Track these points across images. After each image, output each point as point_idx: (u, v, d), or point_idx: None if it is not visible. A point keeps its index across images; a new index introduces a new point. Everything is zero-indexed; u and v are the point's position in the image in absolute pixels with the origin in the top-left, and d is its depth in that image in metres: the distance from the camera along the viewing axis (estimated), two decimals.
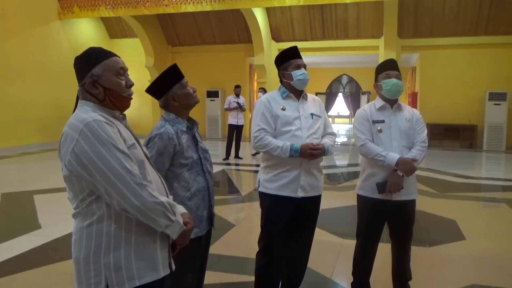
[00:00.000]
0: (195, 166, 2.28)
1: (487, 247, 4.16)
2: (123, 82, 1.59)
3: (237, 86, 10.25)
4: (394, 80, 2.80)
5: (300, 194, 2.63)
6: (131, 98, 1.64)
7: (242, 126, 10.10)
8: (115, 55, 1.60)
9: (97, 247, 1.46)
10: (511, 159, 10.87)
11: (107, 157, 1.40)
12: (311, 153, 2.54)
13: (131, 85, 1.63)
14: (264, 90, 10.76)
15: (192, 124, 2.35)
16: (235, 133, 10.02)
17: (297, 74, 2.66)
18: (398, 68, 2.89)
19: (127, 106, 1.63)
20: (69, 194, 1.53)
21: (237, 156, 9.98)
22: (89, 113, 1.48)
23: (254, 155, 10.40)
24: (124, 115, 1.65)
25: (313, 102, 2.79)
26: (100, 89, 1.55)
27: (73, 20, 13.43)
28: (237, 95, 10.11)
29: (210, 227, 2.43)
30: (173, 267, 1.65)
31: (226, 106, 10.14)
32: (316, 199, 2.77)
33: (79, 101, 1.58)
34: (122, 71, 1.59)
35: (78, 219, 1.51)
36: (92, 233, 1.47)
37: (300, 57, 2.74)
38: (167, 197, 1.69)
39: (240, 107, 9.93)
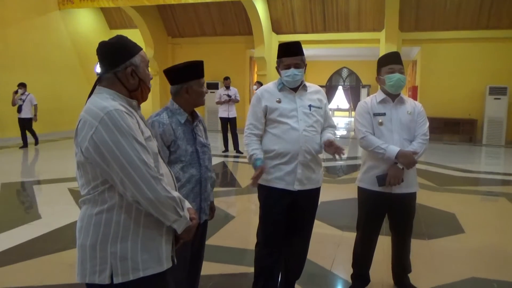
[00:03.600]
0: (190, 158, 2.30)
1: (486, 240, 4.18)
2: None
3: (226, 78, 10.04)
4: (398, 75, 2.79)
5: (297, 187, 2.62)
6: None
7: (234, 118, 9.89)
8: (142, 48, 1.64)
9: (105, 235, 1.46)
10: (511, 153, 10.89)
11: (126, 148, 1.40)
12: (255, 179, 2.55)
13: (151, 78, 1.68)
14: (260, 84, 10.69)
15: (193, 118, 2.37)
16: (229, 126, 9.92)
17: (284, 74, 2.64)
18: (401, 61, 2.86)
19: (147, 98, 1.69)
20: (80, 180, 1.53)
21: (237, 150, 9.80)
22: (108, 101, 1.48)
23: None
24: (139, 105, 1.66)
25: (313, 93, 2.75)
26: (136, 79, 1.57)
27: (72, 10, 13.37)
28: (227, 87, 9.94)
29: (203, 220, 2.43)
30: (175, 260, 1.67)
31: (216, 100, 9.98)
32: (314, 192, 2.75)
33: (97, 87, 1.57)
34: (148, 64, 1.65)
35: (87, 205, 1.51)
36: (101, 221, 1.47)
37: (292, 55, 2.62)
38: (176, 190, 1.71)
39: (230, 100, 9.80)
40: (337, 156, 2.63)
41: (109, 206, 1.47)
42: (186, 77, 2.30)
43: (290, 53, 2.64)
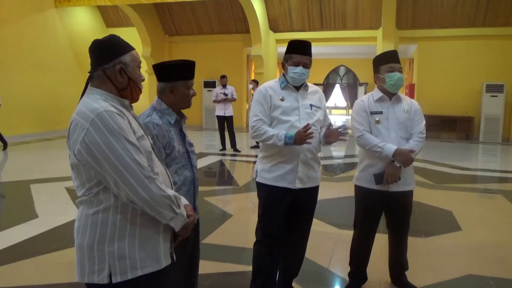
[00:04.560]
0: (182, 159, 2.25)
1: (482, 237, 4.19)
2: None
3: (223, 77, 10.03)
4: (398, 75, 2.79)
5: (298, 185, 2.63)
6: (141, 92, 1.69)
7: (231, 116, 9.87)
8: (135, 49, 1.64)
9: (102, 235, 1.47)
10: (507, 150, 10.93)
11: (118, 149, 1.40)
12: (306, 136, 2.45)
13: (143, 80, 1.66)
14: (255, 82, 10.68)
15: (180, 117, 2.31)
16: (226, 124, 9.91)
17: (291, 70, 2.62)
18: (399, 60, 2.88)
19: (138, 99, 1.68)
20: (75, 182, 1.53)
21: (234, 148, 9.79)
22: (99, 102, 1.47)
23: (253, 147, 10.30)
24: (131, 105, 1.66)
25: (313, 93, 2.76)
26: (125, 78, 1.56)
27: (69, 8, 13.31)
28: (224, 86, 9.92)
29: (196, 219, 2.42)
30: (174, 257, 1.67)
31: (213, 98, 9.99)
32: (314, 190, 2.76)
33: (89, 88, 1.56)
34: (140, 65, 1.64)
35: (84, 206, 1.52)
36: (97, 221, 1.48)
37: (304, 54, 2.62)
38: (172, 188, 1.71)
39: (226, 99, 9.78)
40: (342, 138, 2.66)
41: (104, 207, 1.47)
42: (172, 76, 2.20)
43: (302, 51, 2.63)
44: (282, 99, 2.64)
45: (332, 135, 2.66)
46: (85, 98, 1.51)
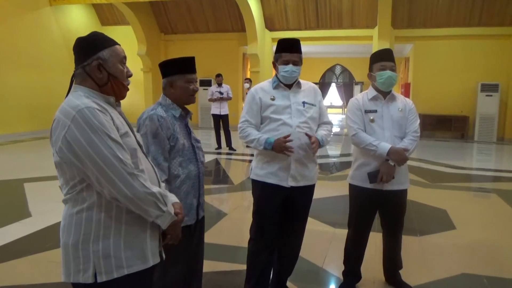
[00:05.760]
0: (187, 153, 2.29)
1: (477, 236, 4.21)
2: (125, 71, 1.60)
3: (218, 75, 10.01)
4: (388, 73, 2.78)
5: (290, 183, 2.62)
6: (128, 89, 1.64)
7: (226, 115, 9.86)
8: (119, 44, 1.61)
9: (86, 234, 1.45)
10: (502, 150, 10.97)
11: (99, 146, 1.38)
12: (285, 148, 2.48)
13: (130, 75, 1.63)
14: (249, 81, 10.68)
15: (185, 113, 2.37)
16: (221, 123, 9.91)
17: (282, 69, 2.63)
18: (393, 59, 2.86)
19: (124, 95, 1.63)
20: (60, 180, 1.51)
21: (230, 147, 9.79)
22: (82, 99, 1.45)
23: (248, 146, 10.27)
24: (119, 101, 1.63)
25: (308, 91, 2.75)
26: (104, 74, 1.54)
27: (64, 6, 13.24)
28: (219, 85, 9.91)
29: (201, 216, 2.43)
30: (163, 255, 1.65)
31: (209, 97, 9.98)
32: (308, 189, 2.75)
33: (73, 86, 1.55)
34: (124, 60, 1.61)
35: (68, 205, 1.50)
36: (81, 220, 1.46)
37: (293, 52, 2.63)
38: (159, 185, 1.69)
39: (222, 97, 9.75)
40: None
41: (88, 205, 1.46)
42: (170, 71, 2.31)
43: (290, 49, 2.64)
44: (273, 99, 2.64)
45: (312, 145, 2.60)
46: (69, 96, 1.50)
